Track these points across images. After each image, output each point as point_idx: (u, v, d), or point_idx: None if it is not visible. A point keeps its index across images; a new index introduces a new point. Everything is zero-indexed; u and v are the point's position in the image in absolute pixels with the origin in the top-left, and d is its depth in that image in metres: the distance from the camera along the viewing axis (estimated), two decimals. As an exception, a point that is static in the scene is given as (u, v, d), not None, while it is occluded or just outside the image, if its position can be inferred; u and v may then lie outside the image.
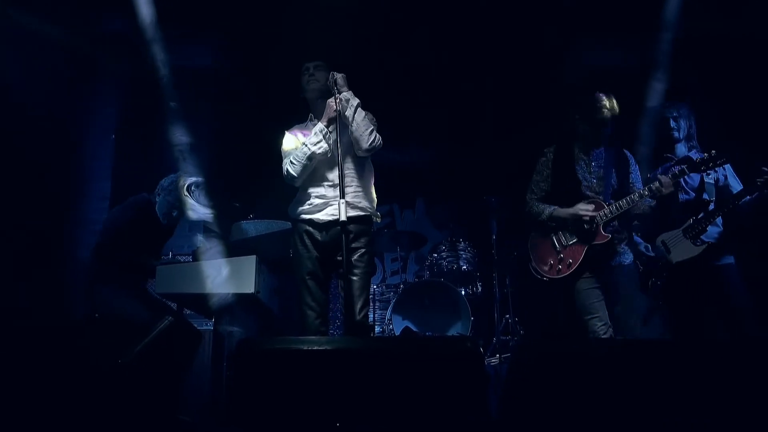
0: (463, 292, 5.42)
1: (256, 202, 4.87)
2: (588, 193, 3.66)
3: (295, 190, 3.55)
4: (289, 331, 5.11)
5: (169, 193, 4.11)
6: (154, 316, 3.52)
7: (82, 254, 4.54)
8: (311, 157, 3.36)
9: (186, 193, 3.89)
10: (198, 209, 3.98)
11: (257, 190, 4.96)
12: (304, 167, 3.38)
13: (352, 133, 3.37)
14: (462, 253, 5.55)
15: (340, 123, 3.32)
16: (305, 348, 2.08)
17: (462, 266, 5.51)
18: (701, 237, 3.61)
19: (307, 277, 3.35)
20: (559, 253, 3.66)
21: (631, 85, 5.02)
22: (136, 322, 3.60)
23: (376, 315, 5.62)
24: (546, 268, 3.70)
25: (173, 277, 3.64)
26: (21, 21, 4.16)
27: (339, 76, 3.39)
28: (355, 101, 3.40)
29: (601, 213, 3.55)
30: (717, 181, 3.73)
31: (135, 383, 2.09)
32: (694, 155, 3.77)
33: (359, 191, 3.42)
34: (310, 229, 3.40)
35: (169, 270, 3.69)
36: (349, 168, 3.43)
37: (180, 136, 4.29)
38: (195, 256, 3.87)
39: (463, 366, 2.17)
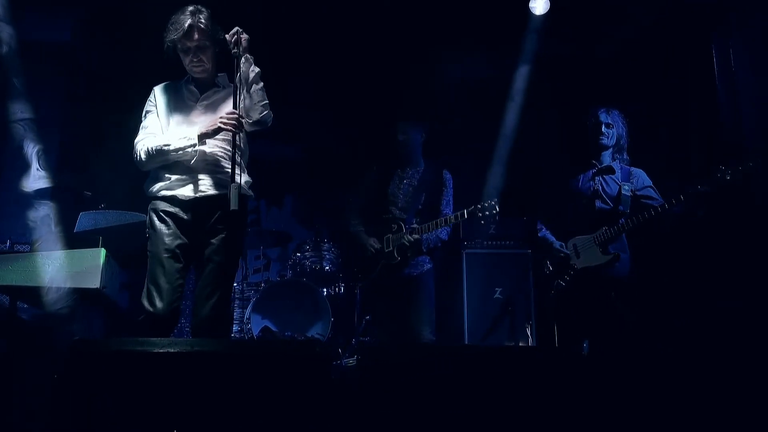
0: (325, 293, 5.42)
1: (107, 191, 4.56)
2: (393, 209, 4.04)
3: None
4: (138, 329, 4.86)
5: None
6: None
7: None
8: (168, 158, 3.03)
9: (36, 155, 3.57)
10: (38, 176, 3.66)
11: (108, 177, 4.65)
12: (156, 162, 3.05)
13: (248, 94, 3.02)
14: (326, 253, 5.54)
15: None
16: (144, 350, 1.97)
17: (325, 267, 5.50)
18: (609, 247, 3.68)
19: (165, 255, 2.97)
20: (362, 262, 4.09)
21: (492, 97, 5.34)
22: None
23: (234, 314, 5.47)
24: (354, 276, 4.18)
25: (7, 267, 3.32)
26: None
27: (245, 37, 3.01)
28: (257, 68, 3.05)
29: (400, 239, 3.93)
30: (634, 191, 3.76)
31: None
32: (617, 166, 3.84)
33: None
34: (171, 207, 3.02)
35: (3, 260, 3.37)
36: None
37: (21, 113, 3.93)
38: (33, 247, 3.57)
39: (311, 370, 2.16)
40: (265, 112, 3.09)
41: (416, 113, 4.63)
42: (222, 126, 2.95)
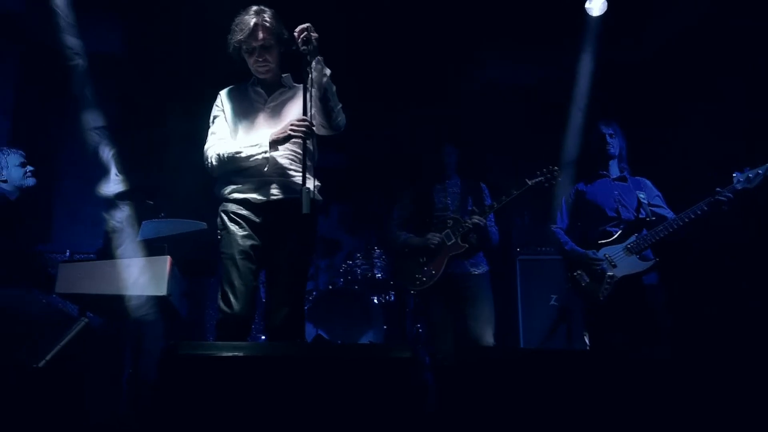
0: (375, 301, 5.40)
1: (167, 200, 4.60)
2: (445, 213, 3.99)
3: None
4: (197, 335, 4.89)
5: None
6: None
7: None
8: (239, 165, 2.98)
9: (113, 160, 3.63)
10: (117, 180, 3.72)
11: (168, 186, 4.70)
12: (227, 168, 3.01)
13: (320, 102, 2.98)
14: (377, 260, 5.53)
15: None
16: (242, 355, 1.95)
17: (377, 274, 5.49)
18: (645, 254, 3.65)
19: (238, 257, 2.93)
20: (422, 266, 3.93)
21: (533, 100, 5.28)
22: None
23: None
24: (411, 284, 3.95)
25: (78, 275, 3.33)
26: None
27: (315, 36, 2.88)
28: (327, 70, 2.98)
29: (459, 227, 3.88)
30: (648, 200, 3.77)
31: (42, 388, 1.88)
32: (627, 176, 3.87)
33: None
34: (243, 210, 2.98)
35: (74, 268, 3.39)
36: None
37: (94, 121, 4.01)
38: (103, 255, 3.59)
39: (402, 375, 2.12)
40: (339, 118, 3.06)
41: (456, 128, 4.65)
42: (292, 133, 2.89)
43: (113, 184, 3.78)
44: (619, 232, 3.73)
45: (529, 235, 5.32)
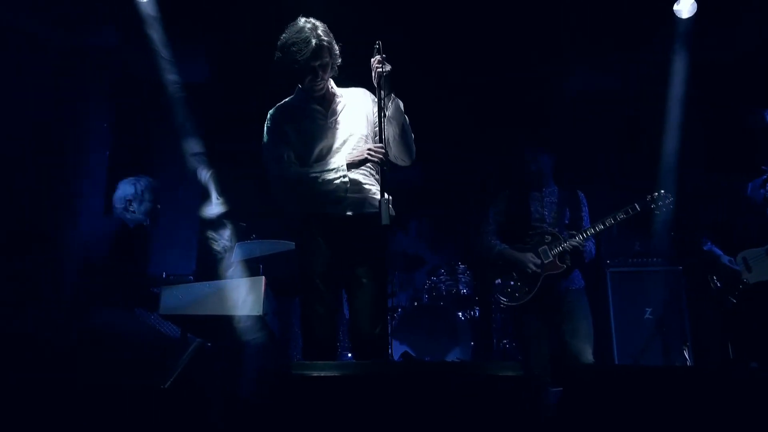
0: (461, 316, 5.35)
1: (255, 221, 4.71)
2: (542, 225, 3.88)
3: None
4: (286, 354, 4.96)
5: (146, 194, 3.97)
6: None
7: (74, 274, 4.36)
8: (318, 189, 2.92)
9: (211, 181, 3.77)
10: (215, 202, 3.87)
11: (255, 207, 4.81)
12: (303, 191, 2.97)
13: (396, 139, 2.97)
14: (461, 276, 5.48)
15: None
16: (358, 374, 1.96)
17: (462, 290, 5.43)
18: None
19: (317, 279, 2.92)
20: (517, 281, 3.84)
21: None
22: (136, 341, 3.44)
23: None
24: (505, 298, 3.86)
25: (182, 297, 3.44)
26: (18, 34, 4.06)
27: (388, 69, 2.85)
28: (401, 103, 2.95)
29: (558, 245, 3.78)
30: None
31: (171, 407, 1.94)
32: None
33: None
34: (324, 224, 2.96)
35: (177, 290, 3.50)
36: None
37: (194, 148, 4.19)
38: (200, 276, 3.72)
39: (514, 394, 2.08)
40: (414, 149, 3.08)
41: (542, 134, 4.54)
42: (369, 158, 2.88)
43: (215, 207, 3.90)
44: (763, 234, 3.52)
45: (619, 246, 5.15)
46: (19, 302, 3.76)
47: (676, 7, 4.27)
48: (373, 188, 2.99)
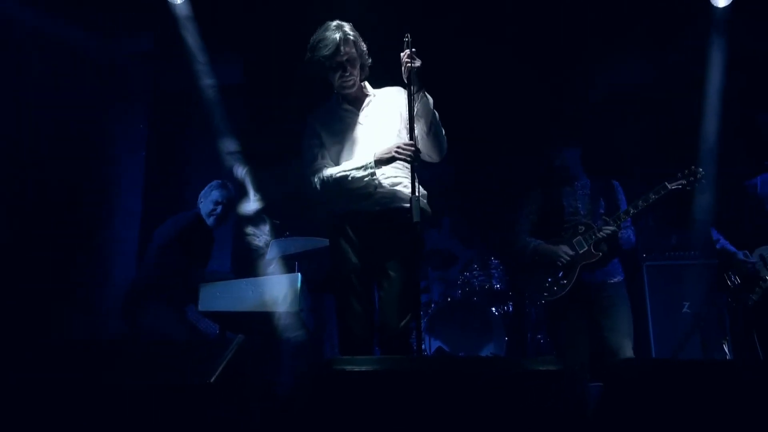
0: (495, 312, 5.34)
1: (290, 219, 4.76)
2: (576, 218, 3.81)
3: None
4: (320, 350, 5.02)
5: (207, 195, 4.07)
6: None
7: (115, 272, 4.47)
8: (347, 188, 2.96)
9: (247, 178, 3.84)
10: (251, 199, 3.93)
11: (289, 205, 4.86)
12: (335, 190, 3.00)
13: (424, 136, 2.97)
14: (494, 271, 5.47)
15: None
16: (399, 370, 1.98)
17: (495, 285, 5.42)
18: None
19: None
20: (553, 275, 3.78)
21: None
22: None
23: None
24: (544, 293, 3.80)
25: (220, 294, 3.50)
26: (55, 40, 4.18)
27: (418, 64, 2.84)
28: (431, 99, 2.94)
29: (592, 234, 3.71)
30: None
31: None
32: None
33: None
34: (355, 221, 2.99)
35: (215, 287, 3.56)
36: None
37: (229, 147, 4.28)
38: (239, 273, 3.79)
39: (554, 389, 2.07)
40: (445, 146, 3.06)
41: (569, 130, 4.48)
42: (397, 155, 2.86)
43: (252, 203, 3.96)
44: None
45: (656, 239, 5.07)
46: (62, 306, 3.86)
47: (712, -6, 4.19)
48: (404, 182, 2.98)
